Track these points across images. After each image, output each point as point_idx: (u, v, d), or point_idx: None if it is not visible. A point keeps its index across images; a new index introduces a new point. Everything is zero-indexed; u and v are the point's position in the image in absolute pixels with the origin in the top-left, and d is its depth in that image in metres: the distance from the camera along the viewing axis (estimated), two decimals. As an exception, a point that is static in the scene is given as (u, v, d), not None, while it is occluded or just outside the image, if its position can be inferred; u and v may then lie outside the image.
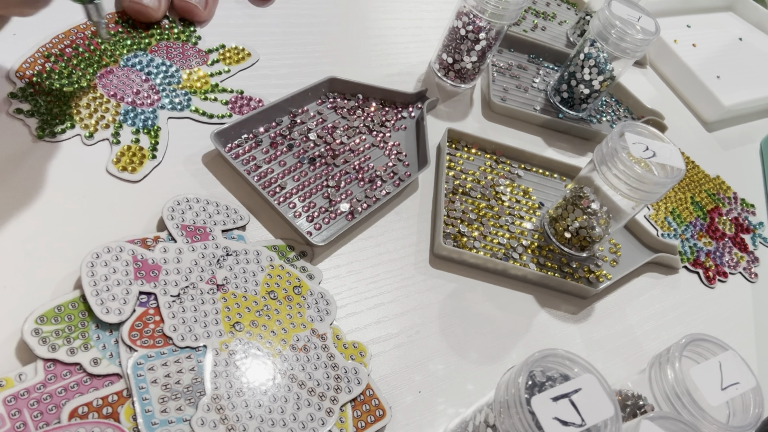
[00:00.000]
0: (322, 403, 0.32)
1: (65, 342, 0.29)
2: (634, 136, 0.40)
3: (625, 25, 0.50)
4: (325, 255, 0.39)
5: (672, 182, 0.38)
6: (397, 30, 0.58)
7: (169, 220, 0.35)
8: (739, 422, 0.31)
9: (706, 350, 0.33)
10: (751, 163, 0.66)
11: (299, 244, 0.38)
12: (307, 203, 0.40)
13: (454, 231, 0.43)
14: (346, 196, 0.41)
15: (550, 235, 0.45)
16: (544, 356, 0.27)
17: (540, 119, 0.55)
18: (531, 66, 0.61)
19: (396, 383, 0.35)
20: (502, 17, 0.47)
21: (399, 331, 0.37)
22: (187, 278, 0.33)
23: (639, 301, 0.46)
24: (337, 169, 0.43)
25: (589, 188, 0.43)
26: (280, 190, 0.40)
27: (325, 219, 0.40)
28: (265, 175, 0.40)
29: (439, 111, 0.52)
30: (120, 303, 0.31)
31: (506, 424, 0.25)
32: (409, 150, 0.47)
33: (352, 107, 0.47)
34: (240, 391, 0.30)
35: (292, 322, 0.34)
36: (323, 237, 0.39)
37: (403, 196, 0.44)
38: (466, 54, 0.51)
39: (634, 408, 0.33)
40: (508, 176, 0.49)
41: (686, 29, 0.77)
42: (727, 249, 0.54)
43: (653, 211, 0.53)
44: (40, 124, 0.37)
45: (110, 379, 0.29)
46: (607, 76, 0.53)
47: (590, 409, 0.25)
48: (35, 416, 0.27)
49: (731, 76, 0.72)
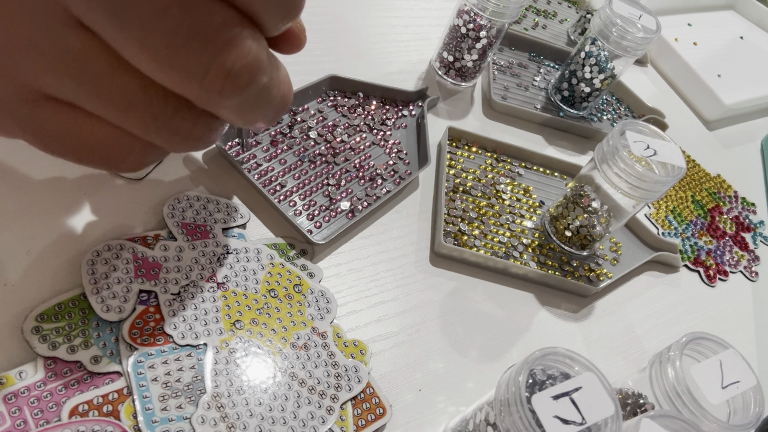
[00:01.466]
0: (322, 402, 0.32)
1: (65, 340, 0.29)
2: (635, 135, 0.40)
3: (626, 23, 0.50)
4: (325, 253, 0.39)
5: (673, 181, 0.38)
6: (397, 28, 0.58)
7: (169, 218, 0.35)
8: (740, 421, 0.31)
9: (707, 349, 0.33)
10: (751, 161, 0.66)
11: (299, 242, 0.38)
12: (307, 201, 0.40)
13: (455, 229, 0.43)
14: (347, 194, 0.41)
15: (551, 234, 0.45)
16: (544, 354, 0.27)
17: (541, 117, 0.55)
18: (532, 64, 0.61)
19: (396, 381, 0.35)
20: (503, 15, 0.47)
21: (399, 329, 0.37)
22: (187, 276, 0.33)
23: (639, 300, 0.46)
24: (337, 167, 0.43)
25: (589, 187, 0.43)
26: (281, 189, 0.40)
27: (326, 217, 0.40)
28: (265, 174, 0.40)
29: (440, 109, 0.52)
30: (120, 301, 0.31)
31: (507, 423, 0.25)
32: (409, 148, 0.47)
33: (352, 105, 0.47)
34: (240, 389, 0.30)
35: (293, 320, 0.34)
36: (324, 235, 0.39)
37: (403, 195, 0.44)
38: (466, 52, 0.51)
39: (635, 406, 0.33)
40: (508, 175, 0.49)
41: (687, 28, 0.77)
42: (727, 248, 0.54)
43: (654, 210, 0.53)
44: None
45: (111, 377, 0.29)
46: (607, 74, 0.53)
47: (591, 408, 0.25)
48: (35, 414, 0.27)
49: (732, 74, 0.72)
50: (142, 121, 0.23)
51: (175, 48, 0.20)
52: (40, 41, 0.21)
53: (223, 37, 0.21)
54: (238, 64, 0.21)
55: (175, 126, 0.24)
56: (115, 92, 0.22)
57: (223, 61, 0.21)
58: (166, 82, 0.21)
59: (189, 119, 0.24)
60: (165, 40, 0.20)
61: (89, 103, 0.22)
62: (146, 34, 0.20)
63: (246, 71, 0.22)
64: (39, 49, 0.21)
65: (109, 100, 0.22)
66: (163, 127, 0.23)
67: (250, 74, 0.22)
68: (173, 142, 0.24)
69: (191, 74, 0.21)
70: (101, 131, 0.24)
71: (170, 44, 0.20)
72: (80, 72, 0.21)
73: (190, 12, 0.20)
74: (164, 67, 0.21)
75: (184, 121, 0.24)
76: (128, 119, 0.23)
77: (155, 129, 0.23)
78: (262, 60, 0.22)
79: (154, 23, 0.20)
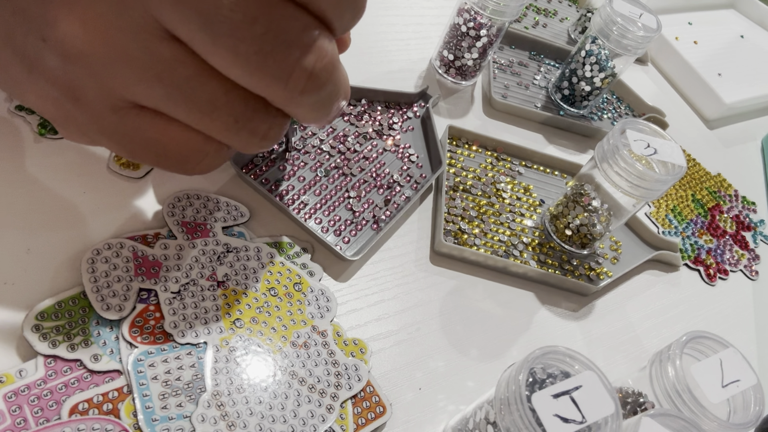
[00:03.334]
0: (322, 400, 0.32)
1: (66, 338, 0.29)
2: (636, 134, 0.40)
3: (627, 22, 0.50)
4: (326, 252, 0.39)
5: (673, 180, 0.38)
6: (397, 27, 0.58)
7: (169, 216, 0.35)
8: (740, 420, 0.31)
9: (707, 347, 0.33)
10: (752, 160, 0.66)
11: (300, 241, 0.38)
12: (332, 217, 0.40)
13: (455, 228, 0.43)
14: (369, 205, 0.41)
15: (551, 233, 0.45)
16: (544, 353, 0.27)
17: (541, 116, 0.55)
18: (532, 63, 0.61)
19: (396, 380, 0.35)
20: (504, 14, 0.47)
21: (399, 328, 0.37)
22: (187, 275, 0.33)
23: (640, 299, 0.46)
24: (355, 178, 0.42)
25: (590, 185, 0.43)
26: (304, 207, 0.40)
27: (352, 231, 0.40)
28: (287, 193, 0.40)
29: (440, 108, 0.52)
30: (120, 299, 0.31)
31: (507, 421, 0.25)
32: (419, 151, 0.46)
33: (358, 113, 0.47)
34: (240, 388, 0.30)
35: (293, 319, 0.34)
36: (354, 250, 0.39)
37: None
38: (467, 51, 0.51)
39: (635, 405, 0.33)
40: (508, 173, 0.49)
41: (687, 26, 0.77)
42: (728, 246, 0.54)
43: (654, 209, 0.53)
44: (41, 121, 0.37)
45: (111, 375, 0.29)
46: (608, 73, 0.53)
47: (591, 406, 0.25)
48: (36, 412, 0.27)
49: (732, 73, 0.72)
50: (225, 124, 0.24)
51: (264, 54, 0.22)
52: (134, 52, 0.22)
53: (304, 41, 0.22)
54: (319, 65, 0.23)
55: (253, 127, 0.25)
56: (201, 98, 0.23)
57: (305, 63, 0.23)
58: (253, 85, 0.23)
59: (266, 120, 0.25)
60: (254, 47, 0.21)
61: (176, 109, 0.24)
62: (238, 43, 0.21)
63: (325, 71, 0.24)
64: (132, 60, 0.22)
65: (196, 105, 0.23)
66: (243, 129, 0.25)
67: (328, 73, 0.24)
68: (251, 143, 0.26)
69: (278, 77, 0.23)
70: (181, 136, 0.25)
71: (259, 50, 0.22)
72: (170, 80, 0.23)
73: (276, 20, 0.21)
74: (254, 71, 0.22)
75: (262, 122, 0.25)
76: (212, 122, 0.24)
77: (236, 131, 0.25)
78: (337, 59, 0.24)
79: (244, 32, 0.21)
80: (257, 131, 0.25)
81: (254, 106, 0.25)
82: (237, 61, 0.22)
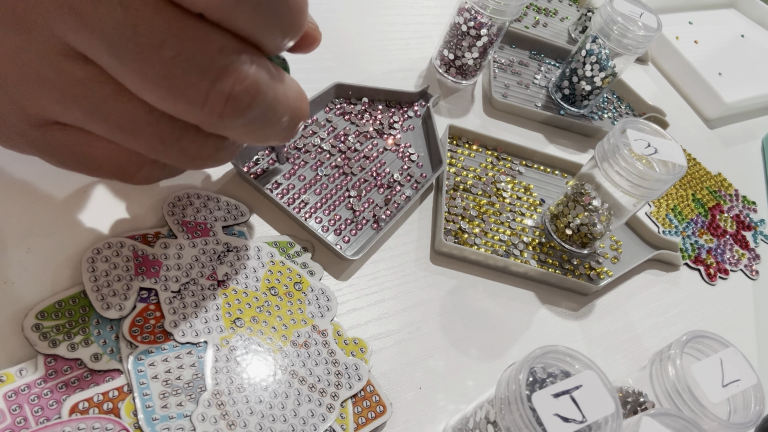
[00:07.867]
0: (322, 399, 0.32)
1: (66, 337, 0.29)
2: (636, 133, 0.40)
3: (627, 21, 0.50)
4: (326, 251, 0.39)
5: (673, 179, 0.38)
6: (398, 26, 0.58)
7: (169, 215, 0.35)
8: (740, 419, 0.31)
9: (707, 347, 0.33)
10: (752, 160, 0.66)
11: (300, 240, 0.38)
12: (332, 216, 0.40)
13: (455, 228, 0.43)
14: (369, 204, 0.41)
15: (551, 232, 0.45)
16: (545, 353, 0.27)
17: (541, 116, 0.55)
18: (532, 62, 0.61)
19: (397, 379, 0.35)
20: (504, 13, 0.47)
21: (400, 327, 0.37)
22: (187, 274, 0.33)
23: (640, 298, 0.46)
24: (355, 177, 0.42)
25: (590, 185, 0.43)
26: (305, 206, 0.40)
27: (352, 230, 0.40)
28: (287, 192, 0.40)
29: (441, 107, 0.52)
30: (120, 299, 0.31)
31: (507, 421, 0.25)
32: (420, 150, 0.46)
33: (359, 111, 0.47)
34: (241, 387, 0.30)
35: (293, 318, 0.34)
36: (354, 249, 0.39)
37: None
38: (467, 50, 0.51)
39: (635, 405, 0.33)
40: (509, 173, 0.49)
41: (688, 26, 0.77)
42: (728, 246, 0.54)
43: (654, 208, 0.53)
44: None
45: (111, 374, 0.29)
46: (608, 72, 0.53)
47: (591, 406, 0.25)
48: (36, 411, 0.27)
49: (733, 73, 0.72)
50: (150, 144, 0.23)
51: (174, 78, 0.21)
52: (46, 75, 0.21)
53: (219, 64, 0.21)
54: (237, 88, 0.22)
55: (183, 147, 0.24)
56: (121, 117, 0.22)
57: (221, 86, 0.21)
58: (169, 109, 0.22)
59: (197, 141, 0.24)
60: (163, 71, 0.20)
61: (98, 128, 0.23)
62: (145, 67, 0.20)
63: (245, 94, 0.22)
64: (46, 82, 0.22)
65: (116, 125, 0.23)
66: (171, 149, 0.24)
67: (250, 96, 0.22)
68: (183, 161, 0.25)
69: (192, 101, 0.21)
70: (111, 149, 0.24)
71: (168, 74, 0.20)
72: (86, 100, 0.22)
73: (186, 42, 0.20)
74: (165, 96, 0.21)
75: (192, 142, 0.24)
76: (136, 142, 0.23)
77: (164, 151, 0.24)
78: (262, 81, 0.23)
79: (151, 56, 0.20)
80: (187, 151, 0.24)
81: (182, 126, 0.23)
82: (146, 86, 0.21)
